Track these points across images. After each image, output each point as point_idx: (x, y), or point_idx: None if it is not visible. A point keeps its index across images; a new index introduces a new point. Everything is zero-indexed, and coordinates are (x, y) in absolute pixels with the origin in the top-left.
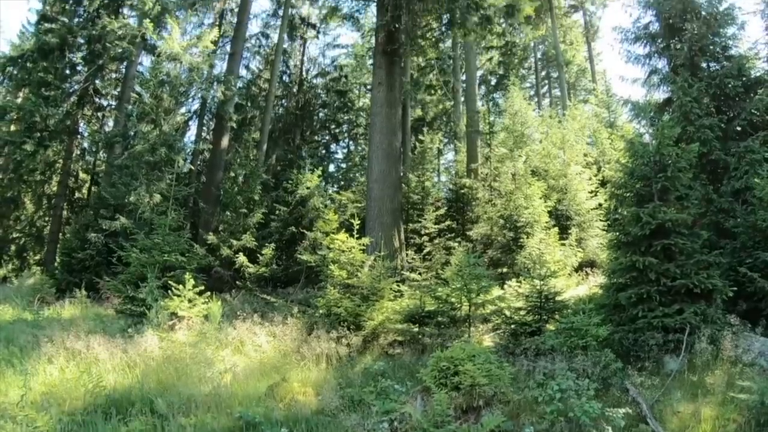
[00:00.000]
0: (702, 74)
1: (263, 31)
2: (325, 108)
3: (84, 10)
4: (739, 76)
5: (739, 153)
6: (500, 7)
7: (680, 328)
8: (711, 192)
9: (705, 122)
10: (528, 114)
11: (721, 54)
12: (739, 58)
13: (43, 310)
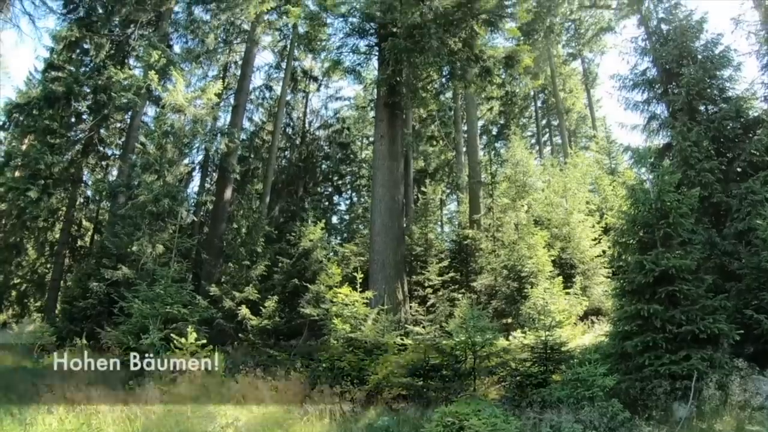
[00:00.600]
0: (701, 117)
1: (266, 84)
2: (327, 160)
3: (90, 60)
4: (738, 117)
5: (741, 194)
6: (500, 58)
7: (688, 374)
8: (714, 235)
9: (705, 165)
10: (529, 163)
11: (718, 96)
12: (737, 100)
13: (43, 359)
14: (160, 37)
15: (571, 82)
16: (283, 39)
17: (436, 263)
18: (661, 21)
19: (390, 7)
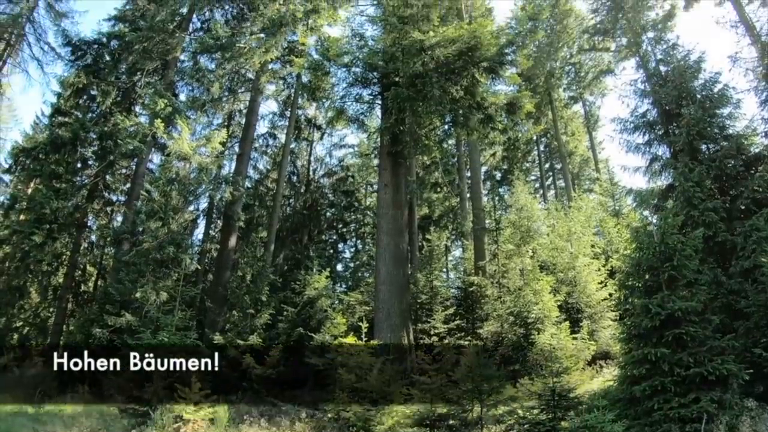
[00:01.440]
0: (702, 157)
1: (271, 132)
2: (332, 207)
3: (97, 106)
4: (739, 155)
5: (745, 232)
6: (501, 105)
7: (698, 417)
8: (720, 274)
9: (708, 205)
10: (534, 208)
11: (719, 134)
12: (737, 137)
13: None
14: (166, 85)
15: (573, 125)
16: (287, 88)
17: (442, 311)
18: (659, 62)
19: (392, 57)
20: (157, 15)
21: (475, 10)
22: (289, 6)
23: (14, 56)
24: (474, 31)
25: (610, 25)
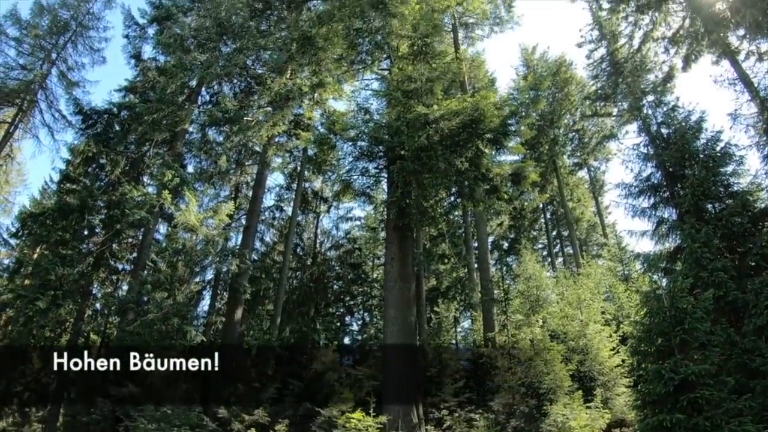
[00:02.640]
0: (708, 216)
1: (277, 204)
2: (339, 280)
3: (105, 174)
4: (745, 212)
5: (756, 289)
6: (506, 176)
7: None
8: (733, 334)
9: (717, 265)
10: (542, 277)
11: (724, 193)
12: (742, 194)
13: None
14: (174, 156)
15: (578, 191)
16: (294, 161)
17: (452, 384)
18: (660, 125)
19: (397, 130)
20: (167, 87)
21: (478, 81)
22: (295, 80)
23: (26, 122)
24: (477, 104)
25: (611, 90)
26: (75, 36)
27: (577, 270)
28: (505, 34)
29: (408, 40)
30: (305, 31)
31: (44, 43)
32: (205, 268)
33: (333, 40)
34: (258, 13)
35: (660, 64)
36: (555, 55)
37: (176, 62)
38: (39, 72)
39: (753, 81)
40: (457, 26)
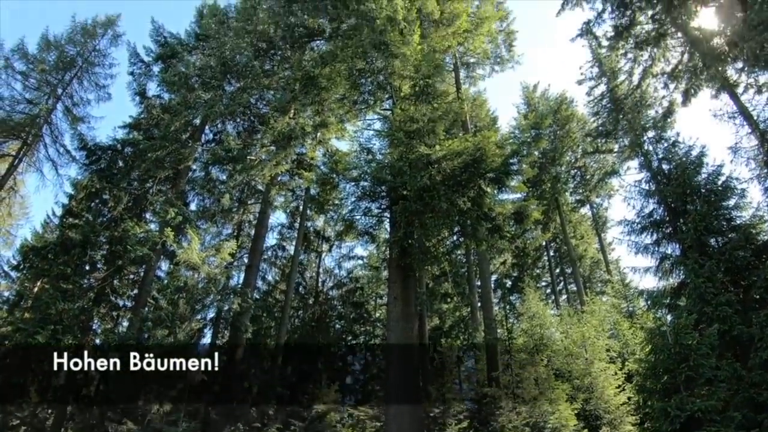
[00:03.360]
0: (711, 251)
1: (280, 243)
2: (341, 319)
3: (108, 210)
4: (748, 245)
5: (761, 322)
6: (509, 215)
7: None
8: (739, 368)
9: (722, 299)
10: (546, 315)
11: (726, 226)
12: (745, 228)
13: None
14: (177, 194)
15: (581, 228)
16: (296, 200)
17: (455, 425)
18: (662, 161)
19: (399, 171)
20: (171, 125)
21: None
22: (298, 120)
23: (30, 155)
24: (479, 144)
25: (612, 127)
26: (81, 72)
27: (581, 307)
28: (506, 73)
29: (410, 80)
30: (308, 71)
31: (50, 78)
32: (206, 306)
33: (336, 80)
34: (262, 52)
35: (660, 100)
36: (556, 92)
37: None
38: (44, 107)
39: (752, 114)
40: (458, 65)
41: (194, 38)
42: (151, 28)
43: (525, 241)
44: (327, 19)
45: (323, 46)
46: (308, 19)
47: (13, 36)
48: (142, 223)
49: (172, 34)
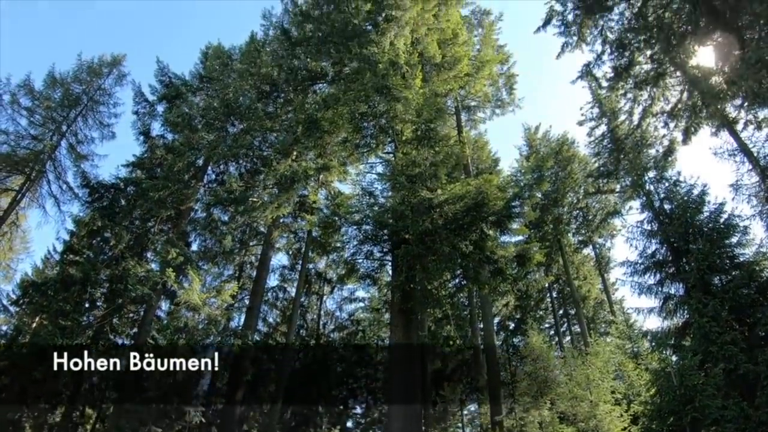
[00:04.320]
0: (715, 290)
1: (281, 285)
2: (342, 362)
3: (109, 248)
4: (752, 282)
5: (767, 360)
6: (511, 257)
7: None
8: (746, 407)
9: (727, 338)
10: (549, 357)
11: (729, 264)
12: (748, 265)
13: None
14: (178, 234)
15: (584, 269)
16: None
17: None
18: (663, 200)
19: (401, 215)
20: (174, 165)
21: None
22: (300, 163)
23: (33, 191)
24: (481, 187)
25: (613, 167)
26: (86, 110)
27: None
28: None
29: (412, 124)
30: (311, 113)
31: (55, 115)
32: (206, 347)
33: (338, 123)
34: (265, 95)
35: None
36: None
37: (184, 141)
38: (49, 143)
39: (753, 150)
40: (459, 108)
41: (198, 79)
42: (156, 68)
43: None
44: (330, 62)
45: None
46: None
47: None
48: (143, 262)
49: (176, 74)
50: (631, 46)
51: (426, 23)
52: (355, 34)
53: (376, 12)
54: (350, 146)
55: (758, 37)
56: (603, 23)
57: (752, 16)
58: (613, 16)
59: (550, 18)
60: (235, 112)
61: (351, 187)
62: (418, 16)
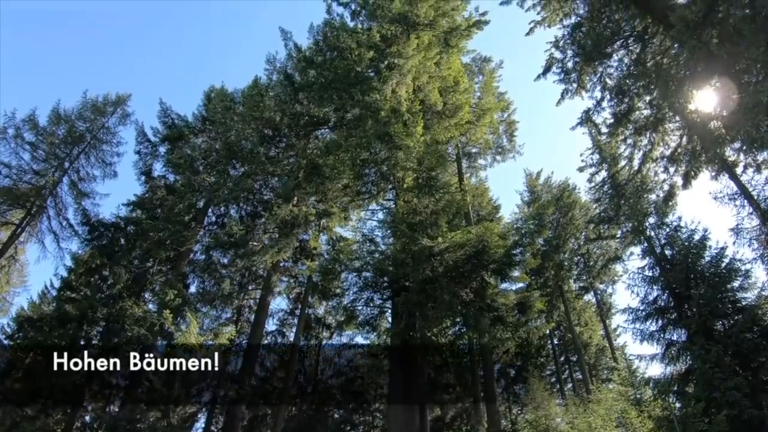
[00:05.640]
0: (718, 335)
1: (279, 329)
2: (340, 408)
3: (107, 287)
4: (755, 327)
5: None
6: (511, 305)
7: None
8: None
9: (730, 384)
10: (551, 405)
11: (731, 309)
12: (751, 309)
13: None
14: (177, 275)
15: (586, 315)
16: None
17: None
18: (664, 246)
19: (402, 263)
20: (175, 207)
21: (482, 208)
22: (302, 208)
23: (33, 226)
24: (481, 235)
25: (614, 213)
26: (89, 148)
27: (587, 396)
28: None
29: (413, 172)
30: (313, 159)
31: (58, 152)
32: (202, 390)
33: (340, 169)
34: (267, 139)
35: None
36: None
37: (185, 182)
38: (51, 179)
39: (753, 193)
40: (460, 155)
41: (201, 121)
42: (159, 109)
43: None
44: (332, 108)
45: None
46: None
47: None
48: (141, 302)
49: (179, 115)
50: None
51: (428, 71)
52: (358, 81)
53: (378, 60)
54: (351, 192)
55: (755, 81)
56: (602, 70)
57: (748, 61)
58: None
59: (550, 65)
60: (237, 155)
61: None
62: (420, 64)
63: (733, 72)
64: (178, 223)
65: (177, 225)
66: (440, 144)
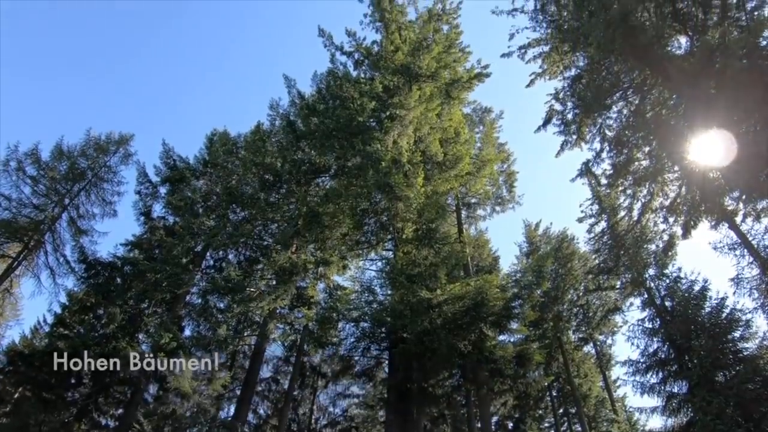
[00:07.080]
0: (719, 386)
1: (274, 376)
2: None
3: (101, 326)
4: (756, 377)
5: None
6: (510, 358)
7: None
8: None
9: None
10: None
11: (733, 359)
12: (752, 359)
13: None
14: (172, 318)
15: (585, 367)
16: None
17: None
18: (664, 297)
19: (400, 314)
20: (173, 249)
21: (481, 260)
22: (300, 255)
23: (29, 260)
24: (480, 287)
25: (613, 264)
26: (89, 186)
27: None
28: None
29: (413, 224)
30: (313, 207)
31: (59, 187)
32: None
33: (339, 218)
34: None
35: (660, 234)
36: (557, 230)
37: (184, 225)
38: (50, 214)
39: (753, 243)
40: (460, 206)
41: (202, 164)
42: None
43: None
44: (333, 156)
45: (328, 182)
46: (315, 156)
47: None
48: (135, 343)
49: (181, 157)
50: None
51: (429, 122)
52: (359, 131)
53: (380, 110)
54: (350, 241)
55: (754, 131)
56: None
57: (745, 112)
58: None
59: (550, 117)
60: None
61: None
62: (422, 115)
63: (731, 122)
64: (175, 266)
65: (174, 267)
66: (440, 195)
